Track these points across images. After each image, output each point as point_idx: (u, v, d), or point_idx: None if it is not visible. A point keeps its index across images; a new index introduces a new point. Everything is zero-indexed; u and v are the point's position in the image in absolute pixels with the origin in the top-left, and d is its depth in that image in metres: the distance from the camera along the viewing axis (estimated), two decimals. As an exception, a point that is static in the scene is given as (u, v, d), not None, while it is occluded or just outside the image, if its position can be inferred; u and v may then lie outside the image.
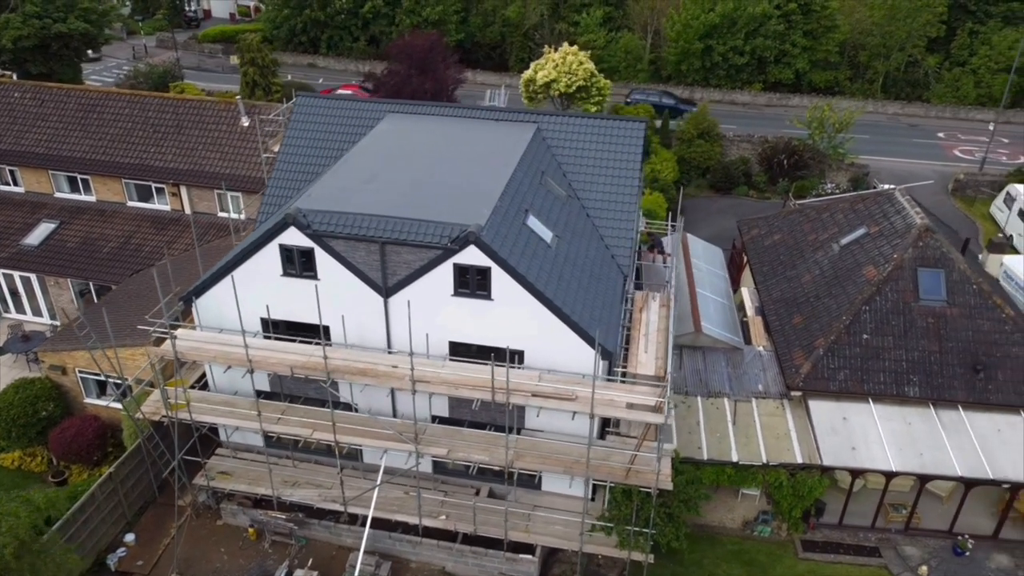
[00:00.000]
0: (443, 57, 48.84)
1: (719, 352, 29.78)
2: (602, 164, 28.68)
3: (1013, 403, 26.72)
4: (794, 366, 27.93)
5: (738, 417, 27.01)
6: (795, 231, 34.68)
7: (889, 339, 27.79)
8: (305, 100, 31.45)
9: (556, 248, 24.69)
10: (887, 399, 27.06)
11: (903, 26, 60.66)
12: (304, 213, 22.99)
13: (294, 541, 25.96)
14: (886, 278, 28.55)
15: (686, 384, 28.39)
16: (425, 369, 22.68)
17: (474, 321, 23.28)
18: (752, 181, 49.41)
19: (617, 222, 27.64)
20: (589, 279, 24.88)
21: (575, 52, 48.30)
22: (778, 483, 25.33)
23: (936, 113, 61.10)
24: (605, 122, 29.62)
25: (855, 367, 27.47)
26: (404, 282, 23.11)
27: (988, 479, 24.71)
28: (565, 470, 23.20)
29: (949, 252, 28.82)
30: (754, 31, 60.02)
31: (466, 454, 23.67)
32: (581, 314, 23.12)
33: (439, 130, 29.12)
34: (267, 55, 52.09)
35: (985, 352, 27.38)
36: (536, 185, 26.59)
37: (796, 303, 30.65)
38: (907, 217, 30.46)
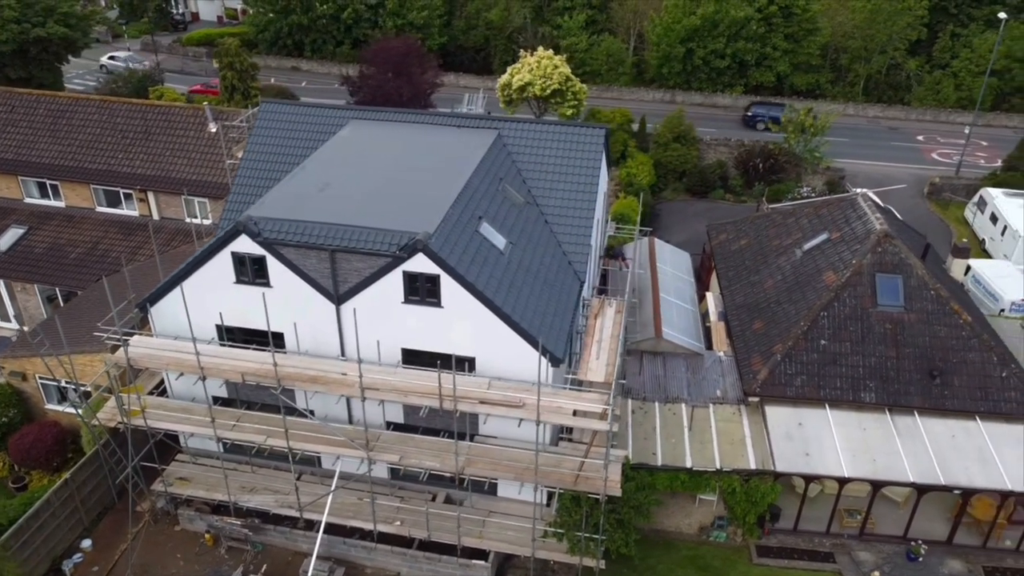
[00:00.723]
0: (419, 61, 48.96)
1: (680, 358, 29.88)
2: (561, 170, 28.80)
3: (968, 409, 26.81)
4: (752, 372, 28.02)
5: (694, 423, 27.10)
6: (761, 236, 34.78)
7: (847, 345, 27.89)
8: (270, 106, 31.55)
9: (509, 255, 24.79)
10: (844, 405, 27.15)
11: (884, 29, 60.76)
12: (255, 221, 23.09)
13: (250, 547, 26.07)
14: (844, 284, 28.65)
15: (645, 390, 28.48)
16: (375, 376, 22.77)
17: (425, 328, 23.38)
18: (728, 185, 49.49)
19: (575, 228, 27.74)
20: (542, 286, 24.98)
21: (550, 56, 48.40)
22: (731, 489, 25.41)
23: (916, 116, 61.17)
24: (565, 128, 29.73)
25: (812, 373, 27.56)
26: (355, 289, 23.20)
27: (940, 485, 24.80)
28: (516, 476, 23.32)
29: (908, 258, 28.91)
30: (735, 34, 60.11)
31: (418, 460, 23.78)
32: (531, 321, 23.21)
33: (400, 137, 29.22)
34: (245, 59, 52.15)
35: (942, 358, 27.48)
36: (493, 192, 26.69)
37: (758, 308, 30.75)
38: (867, 223, 30.55)
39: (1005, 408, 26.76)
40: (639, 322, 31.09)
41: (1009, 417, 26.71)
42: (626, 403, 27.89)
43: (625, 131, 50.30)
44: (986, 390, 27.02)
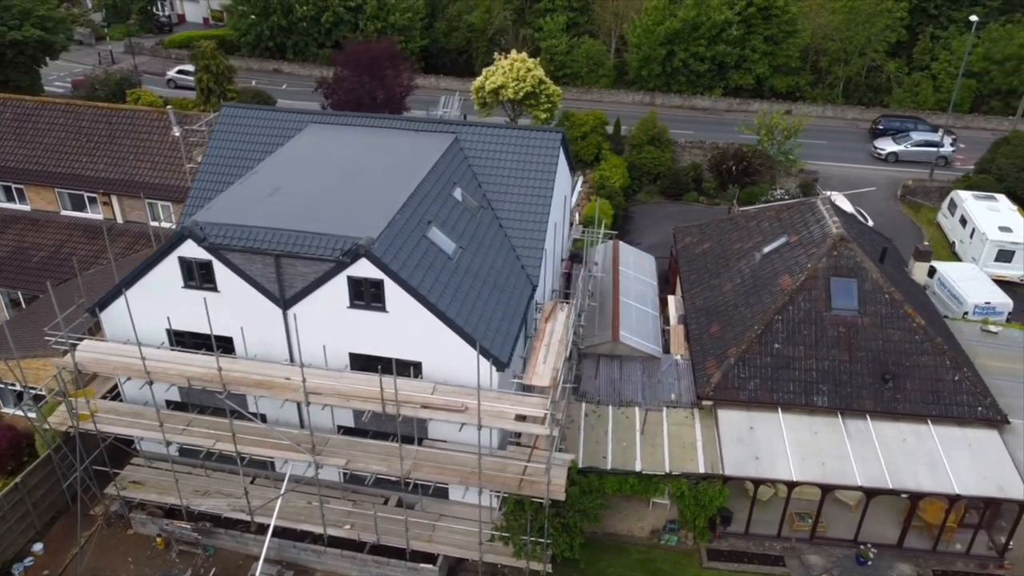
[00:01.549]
0: (394, 63, 49.00)
1: (636, 361, 29.94)
2: (517, 175, 28.83)
3: (920, 412, 26.87)
4: (706, 375, 28.08)
5: (647, 426, 27.16)
6: (724, 239, 34.83)
7: (800, 348, 27.94)
8: (231, 110, 31.59)
9: (458, 260, 24.85)
10: (796, 408, 27.21)
11: (862, 31, 60.80)
12: (201, 226, 23.15)
13: (201, 550, 26.14)
14: (799, 287, 28.71)
15: (599, 393, 28.54)
16: (317, 381, 22.82)
17: (371, 333, 23.45)
18: (702, 187, 49.54)
19: (529, 233, 27.78)
20: (491, 290, 25.04)
21: (524, 59, 48.44)
22: (680, 493, 25.46)
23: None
24: (521, 133, 29.76)
25: (765, 376, 27.62)
26: (301, 294, 23.26)
27: (888, 489, 24.85)
28: (461, 481, 23.39)
29: (863, 261, 28.96)
30: (715, 37, 60.14)
31: (365, 465, 23.85)
32: (476, 326, 23.28)
33: (356, 141, 29.28)
34: (221, 62, 52.24)
35: (895, 361, 27.53)
36: (445, 196, 26.74)
37: (716, 312, 30.80)
38: (825, 226, 30.61)
39: (957, 412, 26.81)
40: (597, 325, 31.17)
41: (961, 421, 26.76)
42: (579, 407, 27.97)
43: (599, 134, 50.37)
44: (938, 394, 27.08)
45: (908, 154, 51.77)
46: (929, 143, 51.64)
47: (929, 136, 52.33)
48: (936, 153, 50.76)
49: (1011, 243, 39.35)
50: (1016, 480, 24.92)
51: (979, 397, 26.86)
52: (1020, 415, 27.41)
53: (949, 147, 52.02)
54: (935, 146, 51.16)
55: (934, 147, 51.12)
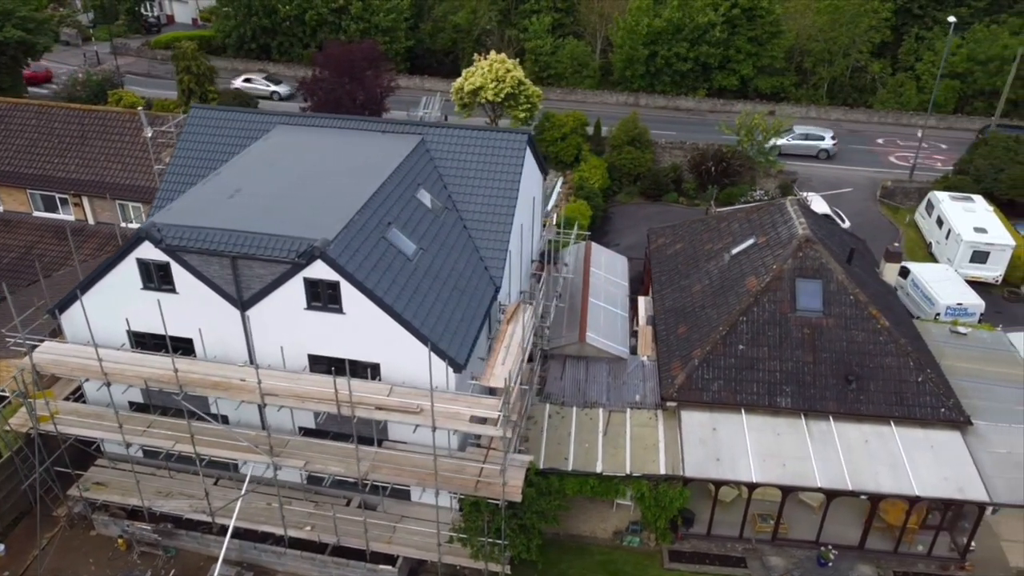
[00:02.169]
0: (373, 64, 48.98)
1: (603, 362, 29.94)
2: (482, 176, 28.87)
3: (883, 414, 26.87)
4: (671, 377, 28.08)
5: (610, 427, 27.17)
6: (695, 241, 34.84)
7: (764, 350, 27.95)
8: (199, 112, 31.60)
9: (418, 261, 24.86)
10: (759, 410, 27.20)
11: (846, 32, 60.77)
12: (158, 228, 23.16)
13: (162, 551, 26.14)
14: (764, 288, 28.71)
15: (564, 394, 28.55)
16: (272, 382, 22.82)
17: (329, 334, 23.46)
18: (682, 188, 49.52)
19: (493, 234, 27.81)
20: (451, 292, 25.04)
21: (503, 60, 48.45)
22: (641, 494, 25.46)
23: (879, 119, 61.13)
24: (487, 135, 29.77)
25: (729, 378, 27.61)
26: (259, 295, 23.27)
27: (848, 490, 24.84)
28: (419, 482, 23.41)
29: (828, 263, 28.96)
30: (698, 38, 60.11)
31: (323, 466, 23.84)
32: (433, 327, 23.29)
33: (322, 143, 29.28)
34: (202, 62, 52.30)
35: (858, 363, 27.53)
36: (408, 198, 26.75)
37: (684, 313, 30.81)
38: (792, 227, 30.62)
39: (920, 413, 26.81)
40: (565, 326, 31.18)
41: (924, 422, 26.76)
42: (544, 408, 27.99)
43: (579, 135, 50.35)
44: (901, 395, 27.08)
45: (790, 147, 53.65)
46: (809, 136, 53.99)
47: (810, 130, 54.94)
48: (816, 147, 53.20)
49: (986, 244, 39.34)
50: (977, 482, 24.92)
51: (942, 398, 26.85)
52: (984, 416, 27.41)
53: (830, 141, 54.17)
54: (815, 139, 53.84)
55: (814, 140, 53.77)
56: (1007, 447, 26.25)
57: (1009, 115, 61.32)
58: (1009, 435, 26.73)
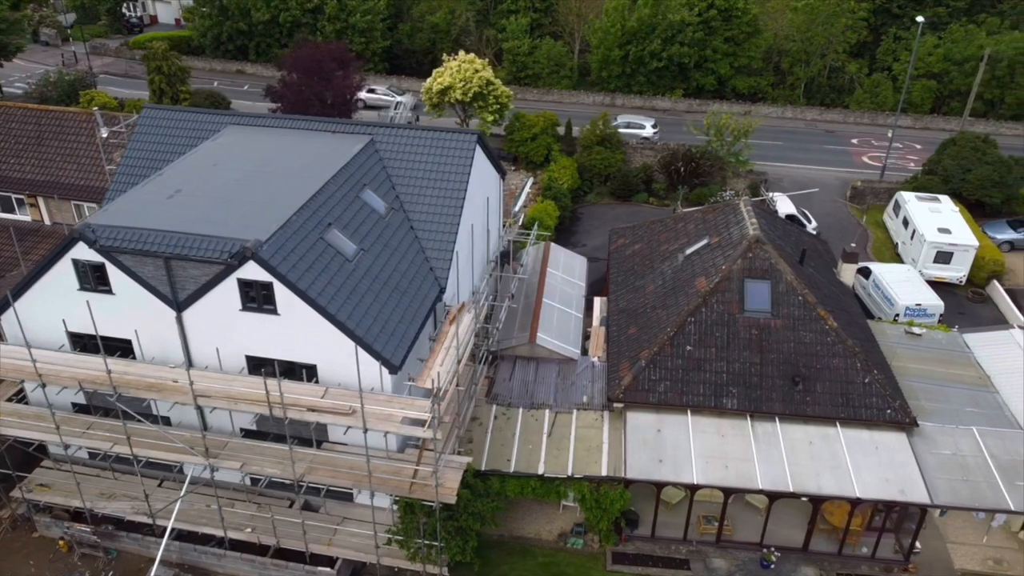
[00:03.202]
0: (343, 65, 48.88)
1: (553, 363, 29.85)
2: (430, 177, 28.78)
3: (829, 415, 26.76)
4: (619, 378, 27.97)
5: (555, 429, 27.06)
6: (652, 241, 34.74)
7: (712, 351, 27.84)
8: (151, 112, 31.55)
9: (358, 262, 24.75)
10: (705, 411, 27.09)
11: (822, 32, 60.66)
12: (92, 228, 23.05)
13: (103, 553, 26.03)
14: (713, 289, 28.61)
15: (511, 395, 28.45)
16: (205, 384, 22.71)
17: (265, 335, 23.35)
18: (652, 188, 49.41)
19: (439, 235, 27.71)
20: (391, 293, 24.94)
21: (471, 60, 48.36)
22: (582, 496, 25.35)
23: (855, 119, 61.03)
24: (436, 135, 29.68)
25: (676, 379, 27.51)
26: (194, 296, 23.16)
27: (789, 492, 24.73)
28: (354, 484, 23.32)
29: (778, 263, 28.85)
30: (671, 38, 60.02)
31: (259, 467, 23.74)
32: (369, 328, 23.18)
33: (271, 143, 29.18)
34: (173, 63, 52.18)
35: (806, 364, 27.43)
36: (351, 198, 26.65)
37: (635, 313, 30.70)
38: (744, 228, 30.51)
39: (865, 415, 26.70)
40: (517, 326, 31.08)
41: (869, 423, 26.66)
42: (490, 409, 27.88)
43: (549, 135, 50.25)
44: (848, 396, 26.97)
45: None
46: (631, 124, 55.61)
47: (631, 119, 56.58)
48: (638, 135, 54.59)
49: (949, 245, 39.22)
50: (919, 483, 24.81)
51: (889, 400, 26.74)
52: (932, 418, 27.33)
53: (651, 130, 55.63)
54: (636, 127, 55.46)
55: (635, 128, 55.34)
56: (952, 449, 26.15)
57: (985, 115, 61.33)
58: (955, 437, 26.63)
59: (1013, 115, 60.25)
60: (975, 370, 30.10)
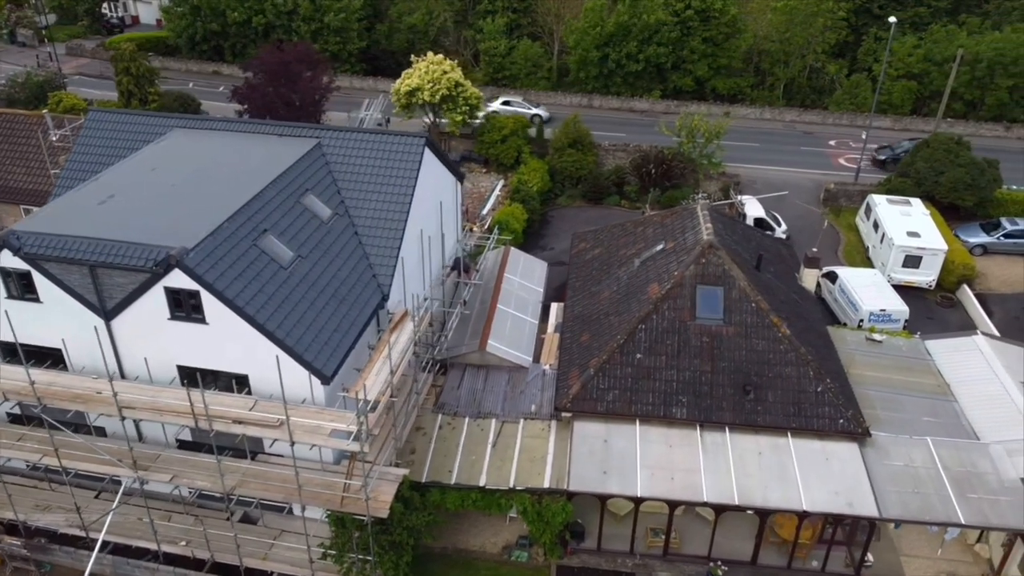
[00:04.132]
0: (311, 67, 48.29)
1: (503, 371, 29.27)
2: (376, 181, 28.24)
3: (780, 425, 26.18)
4: (568, 386, 27.39)
5: (501, 439, 26.49)
6: (611, 246, 34.15)
7: (662, 359, 27.26)
8: (97, 115, 30.99)
9: (294, 269, 24.20)
10: (654, 421, 26.50)
11: (800, 32, 60.02)
12: (17, 235, 22.51)
13: (35, 567, 25.47)
14: (664, 296, 28.02)
15: (458, 404, 27.87)
16: (131, 395, 22.16)
17: (195, 345, 22.83)
18: (624, 191, 48.82)
19: (384, 241, 27.17)
20: (329, 301, 24.39)
21: (440, 61, 47.79)
22: (524, 508, 24.77)
23: (833, 120, 60.36)
24: (385, 138, 29.12)
25: (625, 387, 26.92)
26: (122, 305, 22.65)
27: (734, 505, 24.16)
28: (285, 497, 22.80)
29: (731, 269, 28.27)
30: (648, 39, 59.41)
31: (190, 480, 23.19)
32: (301, 338, 22.65)
33: (215, 147, 28.64)
34: (141, 64, 51.61)
35: (757, 372, 26.84)
36: (291, 203, 26.10)
37: (589, 320, 30.12)
38: (698, 233, 29.91)
39: (817, 424, 26.12)
40: (468, 333, 30.49)
41: (821, 434, 26.07)
42: (435, 418, 27.31)
43: (520, 137, 49.66)
44: (800, 406, 26.39)
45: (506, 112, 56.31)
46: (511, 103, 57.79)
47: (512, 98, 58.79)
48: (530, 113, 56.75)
49: (917, 248, 38.62)
50: (868, 496, 24.22)
51: (841, 409, 26.15)
52: (886, 427, 26.74)
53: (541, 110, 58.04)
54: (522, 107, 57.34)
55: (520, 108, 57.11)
56: (904, 460, 25.57)
57: (966, 116, 60.73)
58: (908, 447, 26.05)
59: (993, 116, 59.65)
60: (935, 378, 29.51)
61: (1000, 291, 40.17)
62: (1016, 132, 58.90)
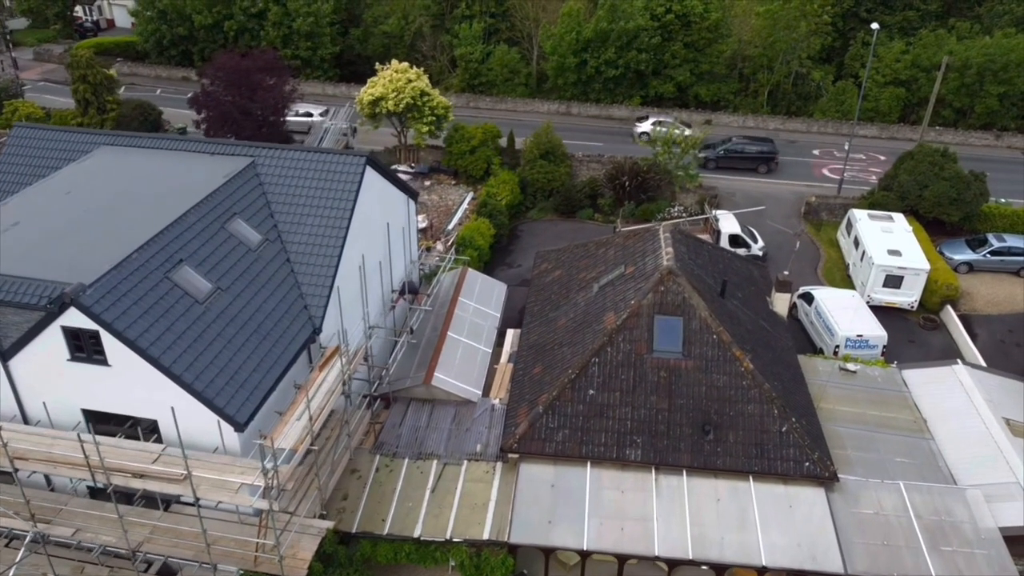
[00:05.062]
0: (275, 74, 46.43)
1: (450, 406, 27.42)
2: (314, 203, 26.43)
3: (741, 468, 24.34)
4: (515, 424, 25.55)
5: (441, 483, 24.63)
6: (572, 267, 32.30)
7: (616, 395, 25.43)
8: (21, 130, 29.20)
9: (211, 303, 22.34)
10: (606, 463, 24.67)
11: (785, 37, 58.11)
12: (-97, 268, 20.66)
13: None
14: (621, 326, 26.18)
15: (399, 444, 26.02)
16: (23, 445, 20.29)
17: (99, 388, 21.01)
18: (597, 204, 46.94)
19: (318, 268, 25.33)
20: (250, 337, 22.53)
21: (404, 69, 45.93)
22: (461, 562, 22.92)
23: (818, 128, 58.45)
24: (324, 157, 27.30)
25: (576, 427, 25.08)
26: (19, 344, 20.80)
27: (687, 560, 22.31)
28: (194, 556, 20.90)
29: (691, 298, 26.41)
30: (627, 44, 57.54)
31: (94, 535, 21.31)
32: (214, 380, 20.80)
33: (139, 167, 26.78)
34: (98, 71, 49.70)
35: (717, 410, 25.01)
36: (216, 229, 24.25)
37: (543, 350, 28.28)
38: (658, 258, 28.05)
39: (781, 468, 24.27)
40: (415, 365, 28.62)
41: (785, 478, 24.24)
42: (373, 460, 25.45)
43: (489, 147, 47.79)
44: (762, 447, 24.55)
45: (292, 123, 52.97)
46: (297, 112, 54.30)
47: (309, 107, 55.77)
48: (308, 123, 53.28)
49: (899, 268, 36.73)
50: (833, 548, 22.40)
51: (807, 451, 24.31)
52: (856, 469, 24.94)
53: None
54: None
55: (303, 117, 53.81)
56: (874, 507, 23.73)
57: (955, 124, 58.88)
58: (879, 492, 24.21)
59: (983, 124, 57.81)
60: (911, 412, 27.68)
61: (986, 312, 38.30)
62: (1006, 141, 57.05)
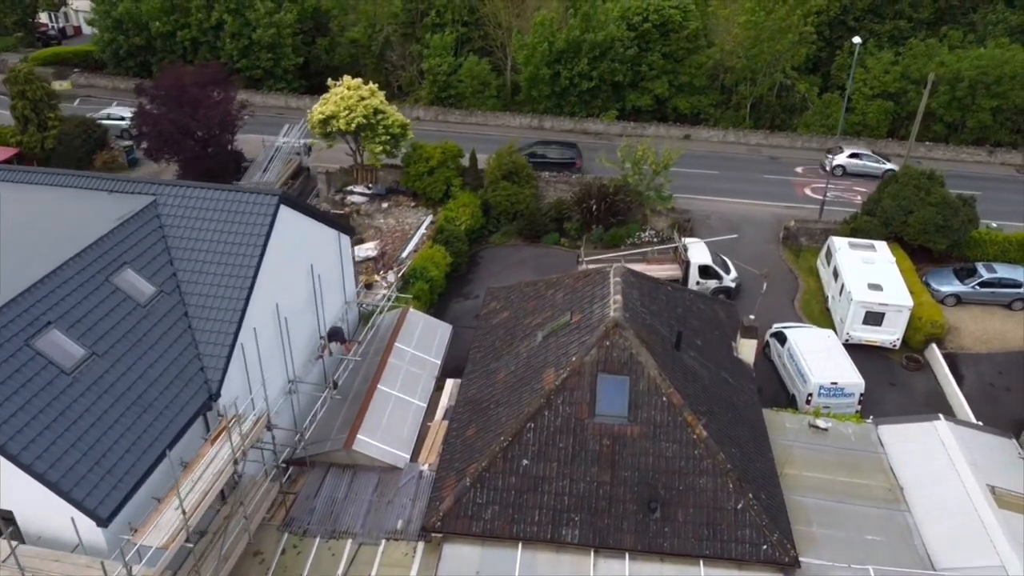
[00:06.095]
0: (223, 89, 43.78)
1: (374, 473, 24.68)
2: (217, 249, 23.72)
3: (691, 552, 21.58)
4: (441, 498, 22.82)
5: (354, 567, 21.89)
6: (520, 310, 29.56)
7: (553, 466, 22.68)
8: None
9: (80, 373, 19.61)
10: (540, 545, 21.92)
11: (767, 47, 55.33)
12: None
13: None
14: (560, 386, 23.44)
15: (311, 520, 23.25)
16: None
17: (-57, 474, 18.23)
18: (564, 228, 44.22)
19: (218, 324, 22.61)
20: (128, 409, 19.85)
21: (357, 86, 43.22)
22: (368, 665, 20.23)
23: (802, 143, 55.71)
24: (234, 196, 24.60)
25: (507, 503, 22.33)
26: None
27: (624, 663, 19.61)
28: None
29: (639, 354, 23.67)
30: (601, 55, 54.82)
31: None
32: (76, 466, 18.10)
33: (20, 208, 24.05)
34: (39, 87, 46.99)
35: (665, 484, 22.26)
36: (99, 283, 21.53)
37: (480, 408, 25.54)
38: (606, 306, 25.32)
39: (736, 551, 21.51)
40: (338, 425, 25.88)
41: (740, 563, 21.47)
42: (280, 539, 22.71)
43: (449, 168, 45.08)
44: (715, 527, 21.80)
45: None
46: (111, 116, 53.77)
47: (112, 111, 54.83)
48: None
49: (880, 304, 34.00)
50: (791, 651, 19.68)
51: (765, 532, 21.57)
52: (820, 551, 22.18)
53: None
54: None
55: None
56: (839, 598, 21.02)
57: (947, 140, 56.18)
58: (845, 579, 21.49)
59: (975, 139, 55.10)
60: (886, 478, 24.94)
61: (974, 350, 35.59)
62: (1000, 157, 54.38)
